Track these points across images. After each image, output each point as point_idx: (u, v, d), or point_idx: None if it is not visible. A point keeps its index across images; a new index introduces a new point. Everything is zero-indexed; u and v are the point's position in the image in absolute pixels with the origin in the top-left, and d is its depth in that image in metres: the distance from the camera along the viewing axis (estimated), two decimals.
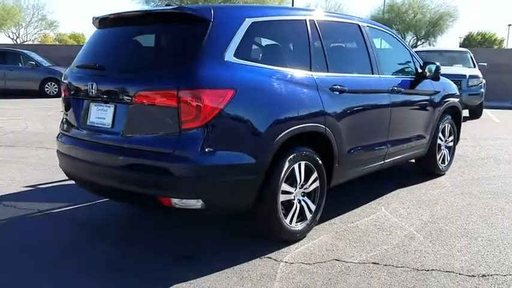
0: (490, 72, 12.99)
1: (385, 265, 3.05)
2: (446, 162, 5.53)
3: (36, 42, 42.72)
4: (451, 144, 5.56)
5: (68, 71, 3.61)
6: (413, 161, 5.38)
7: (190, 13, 2.99)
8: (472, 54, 12.61)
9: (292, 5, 24.64)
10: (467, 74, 10.88)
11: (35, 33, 47.21)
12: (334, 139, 3.56)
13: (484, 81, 11.39)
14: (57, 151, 3.66)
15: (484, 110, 11.92)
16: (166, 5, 3.47)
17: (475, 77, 11.02)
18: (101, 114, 3.17)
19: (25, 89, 15.56)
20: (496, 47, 45.71)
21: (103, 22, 3.47)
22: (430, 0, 41.34)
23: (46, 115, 10.80)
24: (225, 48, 2.96)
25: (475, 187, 4.95)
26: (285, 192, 3.25)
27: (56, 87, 15.74)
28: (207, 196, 2.88)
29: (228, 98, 2.85)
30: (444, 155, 5.46)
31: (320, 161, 3.49)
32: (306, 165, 3.39)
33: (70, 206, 4.21)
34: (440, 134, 5.26)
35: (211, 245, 3.37)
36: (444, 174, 5.47)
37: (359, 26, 4.20)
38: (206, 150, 2.81)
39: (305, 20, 3.60)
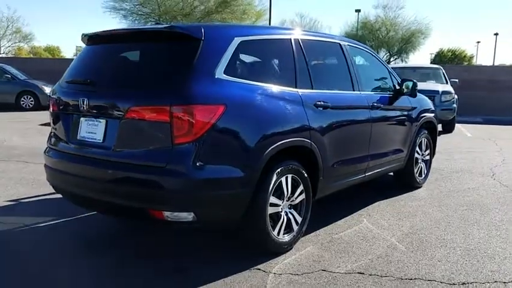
0: (461, 88, 13.44)
1: (370, 275, 3.16)
2: (423, 175, 5.73)
3: (10, 55, 41.98)
4: (427, 157, 5.76)
5: (56, 86, 3.65)
6: (391, 174, 5.56)
7: (182, 32, 3.08)
8: (444, 71, 13.05)
9: (269, 22, 25.01)
10: (440, 90, 11.26)
11: (9, 46, 46.45)
12: (319, 153, 3.69)
13: (456, 96, 11.79)
14: (45, 165, 3.67)
15: (456, 125, 12.32)
16: (156, 23, 3.55)
17: (448, 92, 11.42)
18: (92, 129, 3.22)
19: (1, 102, 15.28)
20: (465, 63, 47.21)
21: (93, 39, 3.53)
22: (402, 18, 42.52)
23: (24, 128, 10.64)
24: (216, 65, 3.06)
25: (451, 199, 5.14)
26: (273, 205, 3.35)
27: (32, 100, 15.51)
28: (198, 209, 2.95)
29: (219, 114, 2.95)
30: (421, 168, 5.66)
31: (306, 174, 3.60)
32: (292, 178, 3.49)
33: (56, 220, 4.20)
34: (417, 148, 5.45)
35: (199, 258, 3.42)
36: (421, 186, 5.66)
37: (340, 44, 4.37)
38: (198, 164, 2.89)
39: (290, 39, 3.75)
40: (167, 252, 3.55)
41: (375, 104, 4.52)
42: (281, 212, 3.44)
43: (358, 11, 41.39)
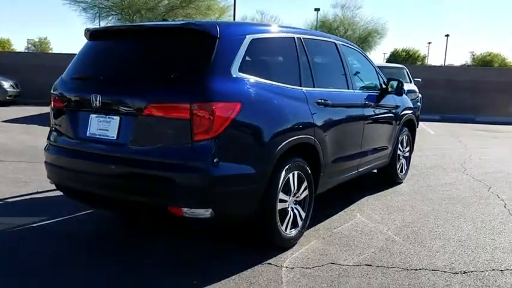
0: (421, 87, 13.99)
1: (378, 266, 3.29)
2: (404, 171, 5.98)
3: None
4: (407, 154, 6.01)
5: (59, 82, 3.56)
6: (375, 170, 5.76)
7: (199, 29, 3.09)
8: (407, 70, 13.54)
9: (234, 18, 24.94)
10: (405, 89, 11.64)
11: None
12: (321, 149, 3.79)
13: (420, 95, 12.27)
14: (46, 163, 3.57)
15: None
16: (163, 20, 3.53)
17: (412, 91, 11.86)
18: (104, 126, 3.17)
19: None
20: (419, 63, 48.98)
21: (101, 34, 3.46)
22: (359, 18, 43.53)
23: None
24: (231, 63, 3.10)
25: (432, 194, 5.39)
26: (281, 201, 3.42)
27: None
28: (216, 205, 2.98)
29: (236, 111, 2.99)
30: (402, 164, 5.89)
31: (309, 171, 3.70)
32: (298, 175, 3.58)
33: (49, 220, 4.10)
34: (399, 145, 5.68)
35: (208, 254, 3.45)
36: (402, 182, 5.90)
37: (335, 44, 4.50)
38: (217, 161, 2.92)
39: (294, 37, 3.82)
40: (171, 248, 3.55)
41: (367, 102, 4.68)
42: (288, 207, 3.52)
43: (317, 9, 41.95)
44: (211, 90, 2.91)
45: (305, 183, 3.68)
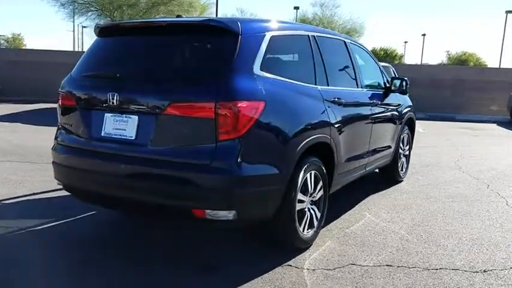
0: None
1: (398, 267, 3.27)
2: (404, 170, 6.00)
3: None
4: (407, 152, 6.03)
5: (68, 80, 3.42)
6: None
7: (221, 26, 3.00)
8: (394, 69, 13.66)
9: (216, 15, 24.74)
10: None
11: None
12: (336, 148, 3.75)
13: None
14: (55, 163, 3.43)
15: None
16: (177, 16, 3.42)
17: None
18: (120, 126, 3.05)
19: None
20: (396, 62, 49.58)
21: (113, 31, 3.33)
22: (338, 17, 43.82)
23: None
24: (253, 61, 3.02)
25: (434, 192, 5.42)
26: (299, 201, 3.36)
27: None
28: (240, 207, 2.90)
29: (260, 110, 2.91)
30: (403, 163, 5.91)
31: (325, 170, 3.65)
32: (315, 175, 3.52)
33: (53, 222, 3.95)
34: (400, 144, 5.69)
35: (227, 256, 3.38)
36: (403, 180, 5.91)
37: (345, 42, 4.46)
38: (241, 161, 2.84)
39: (308, 35, 3.77)
40: (190, 251, 3.46)
41: (374, 101, 4.67)
42: (305, 208, 3.46)
43: (296, 8, 42.06)
44: (237, 89, 2.82)
45: (321, 183, 3.63)
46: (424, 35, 56.96)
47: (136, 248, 3.50)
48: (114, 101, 3.01)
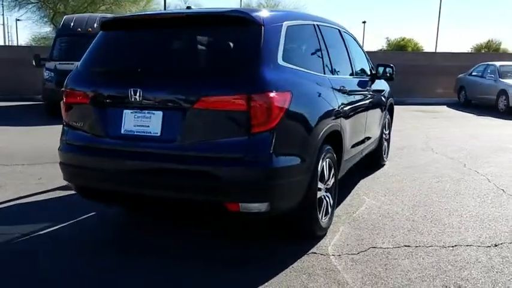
0: None
1: (416, 247, 3.39)
2: (386, 153, 6.19)
3: None
4: (388, 137, 6.23)
5: (76, 75, 3.24)
6: None
7: (245, 16, 2.95)
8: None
9: (164, 7, 24.20)
10: None
11: None
12: (344, 136, 3.82)
13: None
14: (64, 164, 3.26)
15: None
16: (187, 8, 3.31)
17: None
18: (142, 122, 2.94)
19: None
20: None
21: (125, 24, 3.19)
22: (282, 6, 44.06)
23: None
24: (277, 51, 3.01)
25: (419, 174, 5.64)
26: (319, 190, 3.40)
27: None
28: (273, 198, 2.90)
29: (288, 101, 2.91)
30: (385, 147, 6.10)
31: (336, 157, 3.71)
32: (328, 162, 3.57)
33: (55, 226, 3.76)
34: (383, 129, 5.87)
35: (250, 249, 3.36)
36: (385, 164, 6.11)
37: (339, 30, 4.52)
38: (274, 152, 2.83)
39: (313, 24, 3.79)
40: (211, 248, 3.41)
41: (367, 88, 4.79)
42: (322, 196, 3.51)
43: None
44: (268, 80, 2.80)
45: (333, 171, 3.68)
46: (364, 22, 58.77)
47: (157, 246, 3.40)
48: (137, 97, 2.89)
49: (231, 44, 2.98)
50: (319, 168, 3.32)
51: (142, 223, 3.98)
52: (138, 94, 2.89)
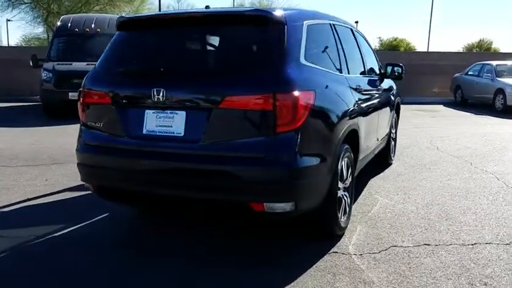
0: None
1: (436, 245, 3.40)
2: (393, 152, 6.20)
3: None
4: (394, 136, 6.24)
5: (94, 75, 3.21)
6: None
7: (268, 16, 2.94)
8: None
9: (159, 7, 24.13)
10: None
11: None
12: (360, 135, 3.81)
13: None
14: (82, 165, 3.22)
15: None
16: (206, 7, 3.29)
17: None
18: (165, 122, 2.91)
19: None
20: None
21: (144, 23, 3.15)
22: (277, 3, 44.07)
23: None
24: (299, 50, 2.99)
25: (427, 172, 5.65)
26: (338, 189, 3.39)
27: None
28: (298, 198, 2.89)
29: (312, 100, 2.90)
30: (392, 146, 6.11)
31: (353, 157, 3.70)
32: (346, 162, 3.56)
33: (68, 227, 3.72)
34: (391, 128, 5.88)
35: (272, 249, 3.34)
36: (393, 162, 6.12)
37: (351, 29, 4.52)
38: (299, 152, 2.82)
39: (329, 23, 3.78)
40: (232, 246, 3.39)
41: (378, 87, 4.79)
42: (341, 195, 3.50)
43: None
44: (293, 80, 2.79)
45: (350, 170, 3.68)
46: (357, 22, 58.77)
47: (169, 247, 3.37)
48: (160, 97, 2.86)
49: (254, 44, 2.96)
50: (339, 167, 3.31)
51: (154, 223, 3.95)
52: (161, 94, 2.86)
